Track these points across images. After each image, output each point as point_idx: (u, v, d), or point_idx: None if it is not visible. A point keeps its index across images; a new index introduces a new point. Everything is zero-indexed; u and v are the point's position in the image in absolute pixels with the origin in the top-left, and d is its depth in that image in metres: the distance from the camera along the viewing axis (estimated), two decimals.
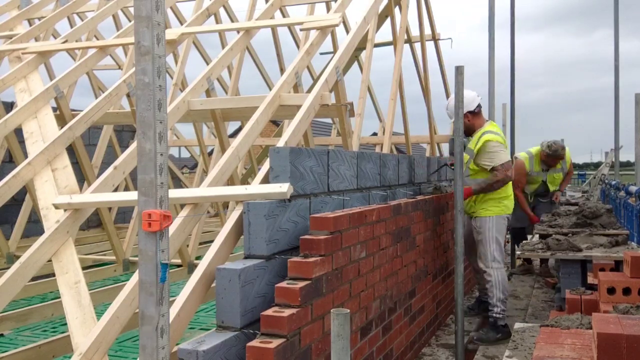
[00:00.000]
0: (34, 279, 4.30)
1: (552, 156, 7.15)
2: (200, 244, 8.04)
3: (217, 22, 9.08)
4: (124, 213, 11.70)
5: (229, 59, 5.93)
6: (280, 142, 3.72)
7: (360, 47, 7.12)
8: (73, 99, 8.89)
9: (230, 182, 6.16)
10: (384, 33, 8.60)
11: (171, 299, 2.47)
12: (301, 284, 2.66)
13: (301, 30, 6.82)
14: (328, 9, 9.13)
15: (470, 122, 5.05)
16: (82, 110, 5.29)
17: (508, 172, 4.93)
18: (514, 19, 8.55)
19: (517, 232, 7.47)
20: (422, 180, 5.54)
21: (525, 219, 7.25)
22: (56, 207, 3.87)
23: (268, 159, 3.13)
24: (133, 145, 4.32)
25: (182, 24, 9.29)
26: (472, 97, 5.06)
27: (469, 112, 5.01)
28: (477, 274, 5.38)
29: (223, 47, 8.84)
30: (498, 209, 4.98)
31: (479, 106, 5.13)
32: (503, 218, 5.01)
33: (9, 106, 8.49)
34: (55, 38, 7.54)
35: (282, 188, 2.95)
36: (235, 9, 10.02)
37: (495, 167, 4.90)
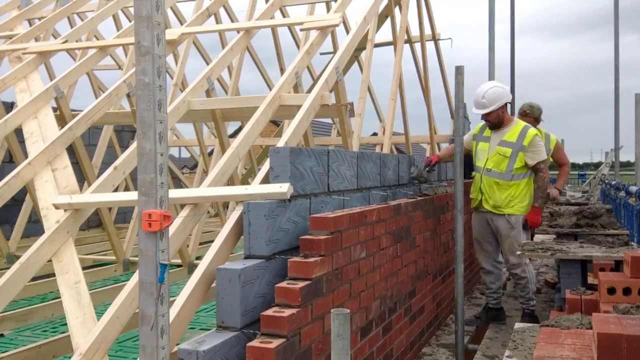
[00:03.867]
0: (34, 279, 4.31)
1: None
2: (200, 244, 8.04)
3: (217, 22, 9.07)
4: (124, 213, 11.71)
5: (229, 59, 5.93)
6: (281, 142, 3.72)
7: (361, 47, 7.12)
8: (73, 100, 8.89)
9: (231, 182, 6.16)
10: (384, 33, 8.61)
11: (171, 299, 2.47)
12: (301, 284, 2.66)
13: (301, 30, 6.82)
14: (328, 9, 9.13)
15: (502, 115, 4.96)
16: (82, 111, 5.29)
17: (547, 169, 4.97)
18: (514, 20, 8.56)
19: None
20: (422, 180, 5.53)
21: None
22: (56, 207, 3.87)
23: (268, 159, 3.13)
24: (133, 146, 4.32)
25: (182, 24, 9.29)
26: (503, 90, 4.98)
27: (507, 102, 4.97)
28: (487, 275, 5.28)
29: (223, 47, 8.83)
30: (525, 209, 4.96)
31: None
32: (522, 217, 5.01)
33: (9, 106, 8.49)
34: (56, 38, 7.54)
35: (282, 188, 2.95)
36: (235, 9, 10.01)
37: (539, 165, 4.87)
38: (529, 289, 5.04)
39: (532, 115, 5.95)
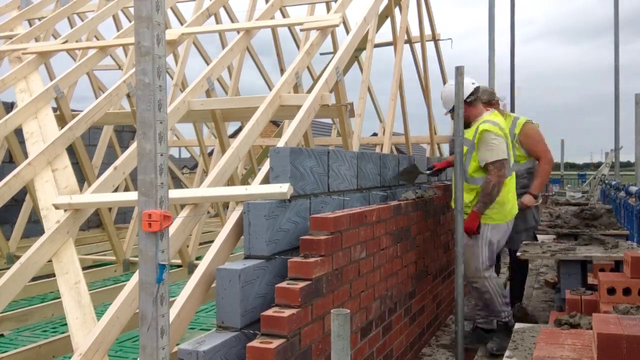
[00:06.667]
0: (34, 279, 4.31)
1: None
2: (201, 244, 8.04)
3: (217, 23, 9.08)
4: (124, 213, 11.70)
5: (229, 59, 5.93)
6: (281, 143, 3.72)
7: (361, 48, 7.12)
8: (73, 101, 8.90)
9: (231, 182, 6.16)
10: (384, 33, 8.62)
11: (171, 299, 2.47)
12: (301, 284, 2.66)
13: (301, 30, 6.82)
14: (328, 9, 9.13)
15: (465, 113, 4.29)
16: (82, 111, 5.29)
17: (501, 172, 4.29)
18: (514, 20, 8.57)
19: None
20: (422, 180, 5.53)
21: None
22: (56, 207, 3.87)
23: (268, 159, 3.14)
24: (133, 146, 4.32)
25: (182, 24, 9.29)
26: (465, 85, 4.25)
27: (469, 99, 4.40)
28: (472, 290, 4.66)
29: (223, 48, 8.84)
30: (498, 216, 4.45)
31: (472, 94, 4.45)
32: (505, 225, 4.52)
33: (9, 106, 8.49)
34: (56, 38, 7.54)
35: (282, 188, 2.95)
36: (236, 9, 10.02)
37: (488, 167, 4.31)
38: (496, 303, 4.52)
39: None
